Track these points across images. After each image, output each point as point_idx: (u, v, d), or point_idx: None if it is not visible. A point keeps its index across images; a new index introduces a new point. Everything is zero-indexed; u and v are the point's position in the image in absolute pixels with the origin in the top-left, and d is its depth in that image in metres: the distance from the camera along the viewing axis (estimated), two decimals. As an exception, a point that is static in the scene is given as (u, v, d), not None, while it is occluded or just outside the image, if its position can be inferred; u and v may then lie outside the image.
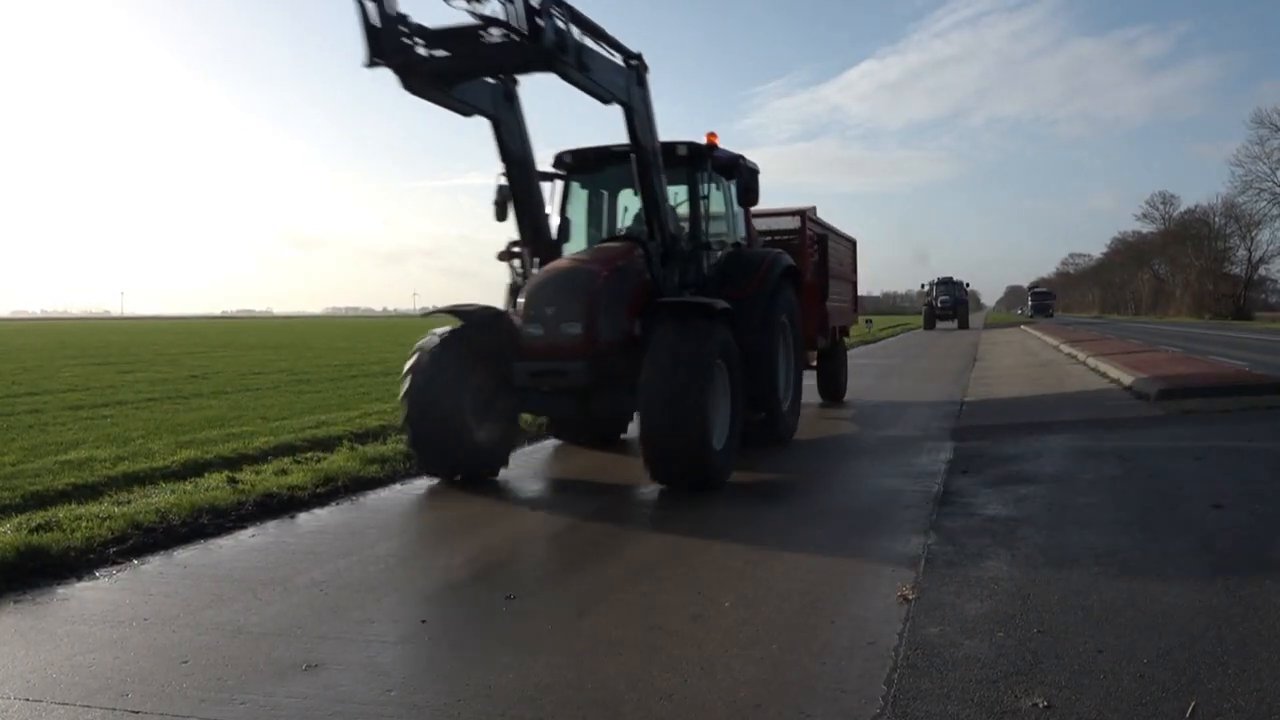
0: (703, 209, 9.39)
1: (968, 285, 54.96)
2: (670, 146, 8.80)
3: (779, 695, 3.46)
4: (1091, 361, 18.31)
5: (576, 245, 9.52)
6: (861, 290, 17.40)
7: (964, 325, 52.64)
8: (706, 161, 9.31)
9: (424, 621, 4.42)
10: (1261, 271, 76.82)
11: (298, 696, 3.58)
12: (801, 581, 4.91)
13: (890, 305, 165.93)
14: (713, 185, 9.72)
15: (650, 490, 7.44)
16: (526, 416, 9.38)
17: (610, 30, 7.20)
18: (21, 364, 23.59)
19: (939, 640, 3.93)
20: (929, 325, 52.85)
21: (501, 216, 9.05)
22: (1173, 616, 4.13)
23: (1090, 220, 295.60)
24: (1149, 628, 3.98)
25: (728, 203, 10.11)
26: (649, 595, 4.76)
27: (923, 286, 55.30)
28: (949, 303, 53.96)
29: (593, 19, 6.89)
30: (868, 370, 19.87)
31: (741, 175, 9.65)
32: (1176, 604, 4.30)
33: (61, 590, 5.11)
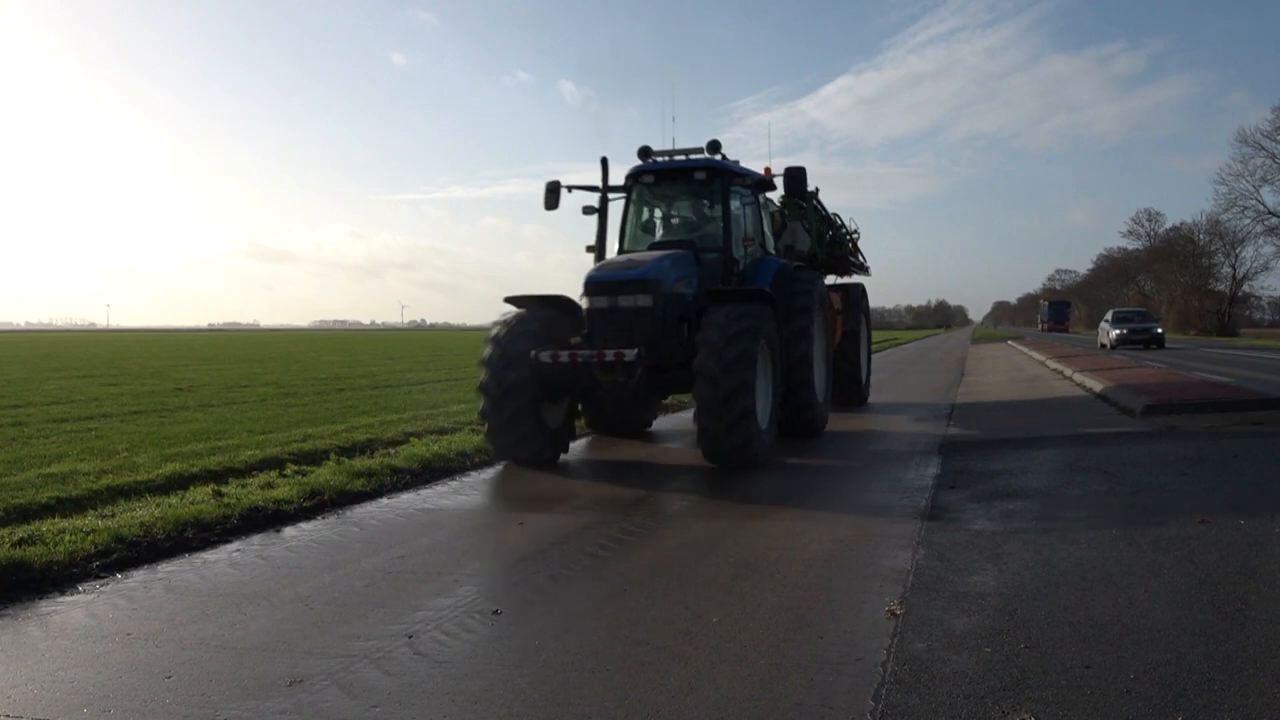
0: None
1: (852, 231, 15.82)
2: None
3: (766, 711, 3.45)
4: (1078, 377, 18.41)
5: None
6: None
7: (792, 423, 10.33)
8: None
9: (410, 636, 4.39)
10: (1245, 288, 77.37)
11: (282, 712, 3.55)
12: (789, 597, 4.90)
13: (879, 320, 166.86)
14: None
15: (640, 502, 7.43)
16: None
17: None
18: (6, 376, 23.42)
19: (927, 656, 3.93)
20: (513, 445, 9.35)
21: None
22: (1159, 632, 4.14)
23: (1070, 236, 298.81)
24: (1135, 643, 3.99)
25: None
26: (636, 610, 4.74)
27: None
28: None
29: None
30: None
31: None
32: (1163, 619, 4.32)
33: (44, 604, 5.06)
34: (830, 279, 14.92)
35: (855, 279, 16.15)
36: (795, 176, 11.11)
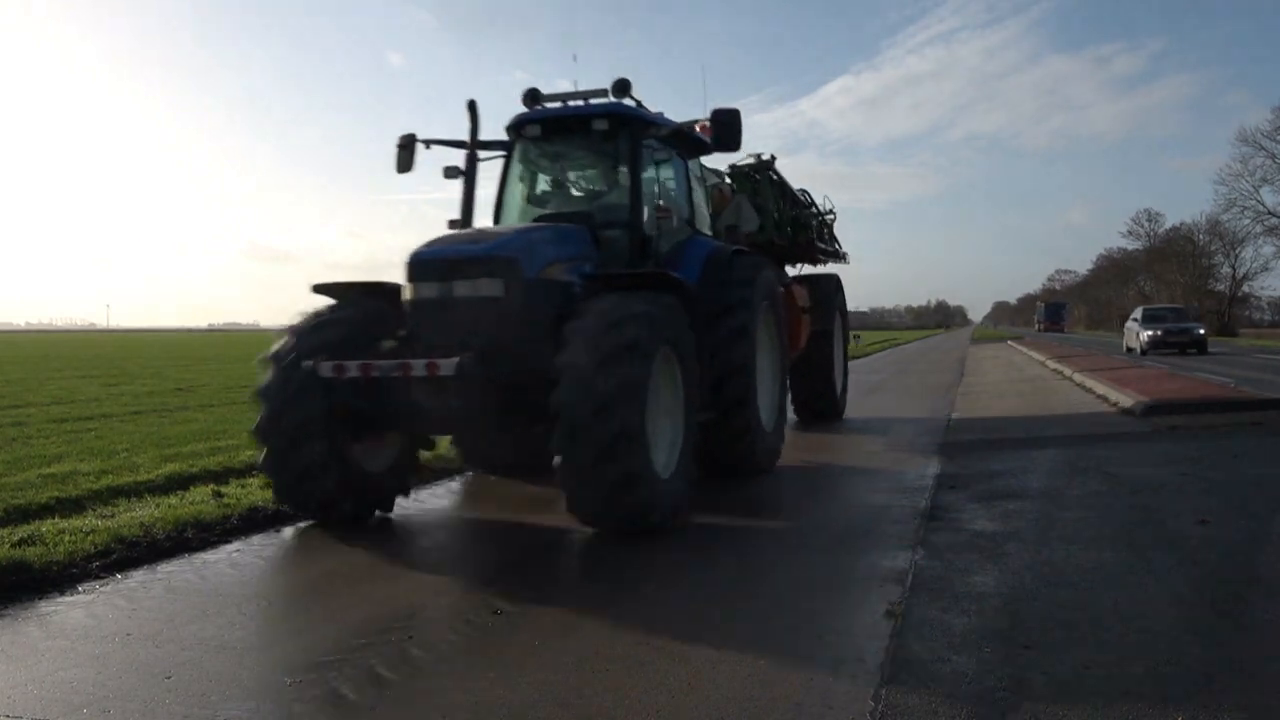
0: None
1: (826, 212, 13.53)
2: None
3: (766, 711, 3.45)
4: (1078, 378, 18.41)
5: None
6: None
7: None
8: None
9: (410, 636, 4.39)
10: (1245, 288, 77.52)
11: (282, 712, 3.55)
12: (789, 597, 4.90)
13: (879, 320, 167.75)
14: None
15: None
16: None
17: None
18: (6, 376, 23.41)
19: (926, 656, 3.93)
20: None
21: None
22: (1159, 633, 4.14)
23: (1070, 236, 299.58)
24: (1135, 644, 3.99)
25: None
26: (637, 610, 4.74)
27: None
28: None
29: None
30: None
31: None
32: (1162, 620, 4.32)
33: (44, 604, 5.06)
34: (801, 269, 13.09)
35: (830, 269, 13.78)
36: (725, 121, 7.70)
